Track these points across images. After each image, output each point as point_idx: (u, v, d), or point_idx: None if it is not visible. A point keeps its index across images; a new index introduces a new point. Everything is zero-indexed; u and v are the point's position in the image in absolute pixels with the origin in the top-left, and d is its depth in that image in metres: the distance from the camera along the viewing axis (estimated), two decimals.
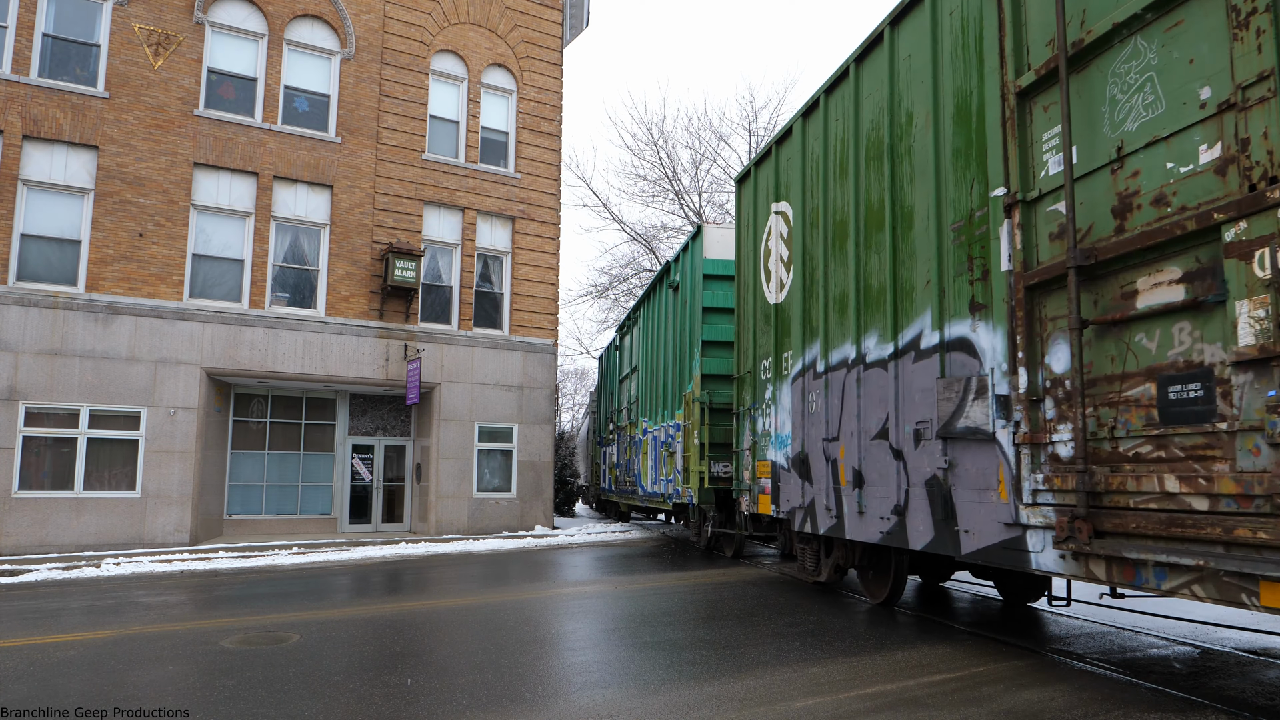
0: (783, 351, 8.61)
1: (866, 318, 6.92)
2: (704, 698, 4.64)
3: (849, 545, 7.68)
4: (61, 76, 13.99)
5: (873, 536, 6.61)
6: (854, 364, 7.03)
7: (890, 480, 6.38)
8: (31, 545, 12.84)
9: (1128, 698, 4.58)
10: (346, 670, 5.34)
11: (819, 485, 7.54)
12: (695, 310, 11.99)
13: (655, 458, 14.53)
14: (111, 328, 13.72)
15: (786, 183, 8.72)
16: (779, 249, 8.78)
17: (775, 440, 8.60)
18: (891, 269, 6.50)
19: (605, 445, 21.14)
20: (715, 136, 36.49)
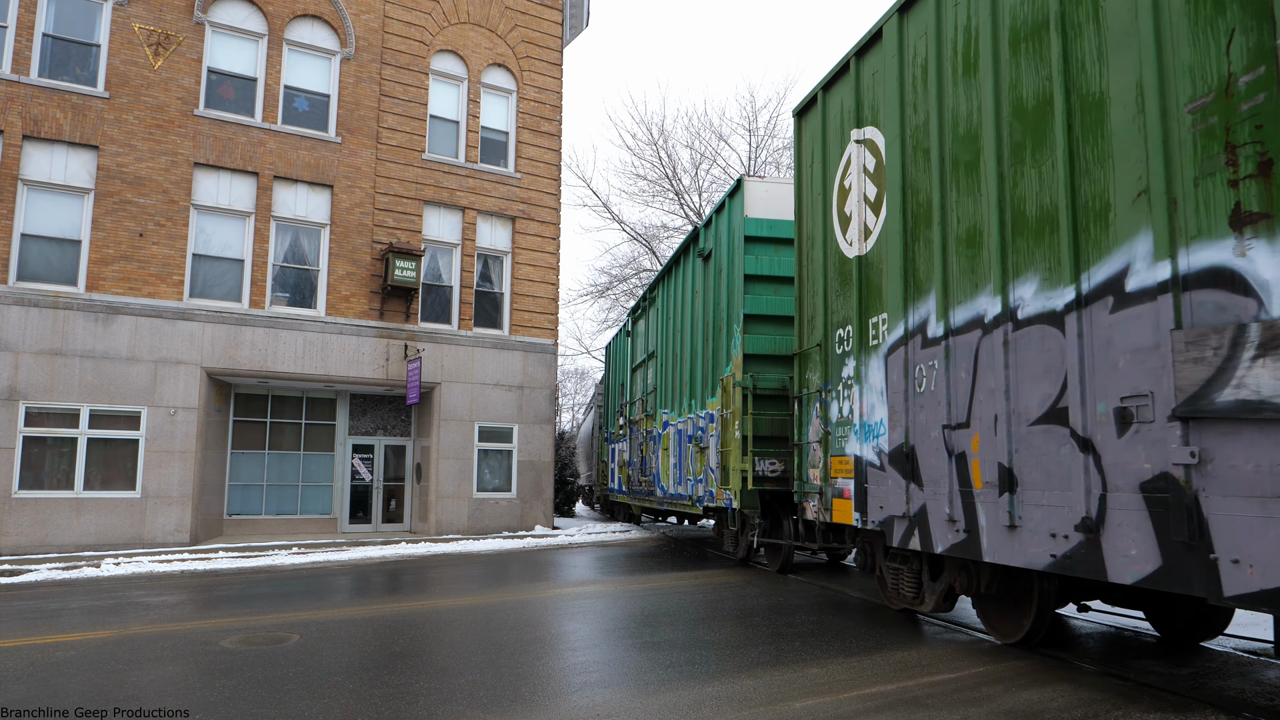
0: (870, 316, 6.92)
1: (1017, 258, 5.18)
2: (704, 698, 4.64)
3: (971, 567, 5.92)
4: (61, 76, 13.99)
5: (1036, 560, 4.84)
6: (995, 323, 5.28)
7: (1070, 482, 4.60)
8: (31, 545, 12.84)
9: (1128, 698, 4.58)
10: (346, 670, 5.34)
11: (935, 488, 5.81)
12: (734, 279, 10.30)
13: (679, 454, 12.72)
14: (111, 328, 13.72)
15: (874, 103, 7.05)
16: (861, 187, 7.13)
17: (861, 430, 6.91)
18: (1068, 183, 4.77)
19: (613, 442, 19.27)
20: (715, 136, 36.50)
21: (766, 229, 10.26)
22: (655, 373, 14.71)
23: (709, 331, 11.41)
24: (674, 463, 13.14)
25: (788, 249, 10.29)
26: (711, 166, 31.30)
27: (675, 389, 13.19)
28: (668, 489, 13.52)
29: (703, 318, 11.73)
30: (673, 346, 13.44)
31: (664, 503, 13.93)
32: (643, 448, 15.57)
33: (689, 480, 12.13)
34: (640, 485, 15.63)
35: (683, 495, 12.54)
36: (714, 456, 10.73)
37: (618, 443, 18.62)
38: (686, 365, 12.55)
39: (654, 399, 14.70)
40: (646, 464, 15.26)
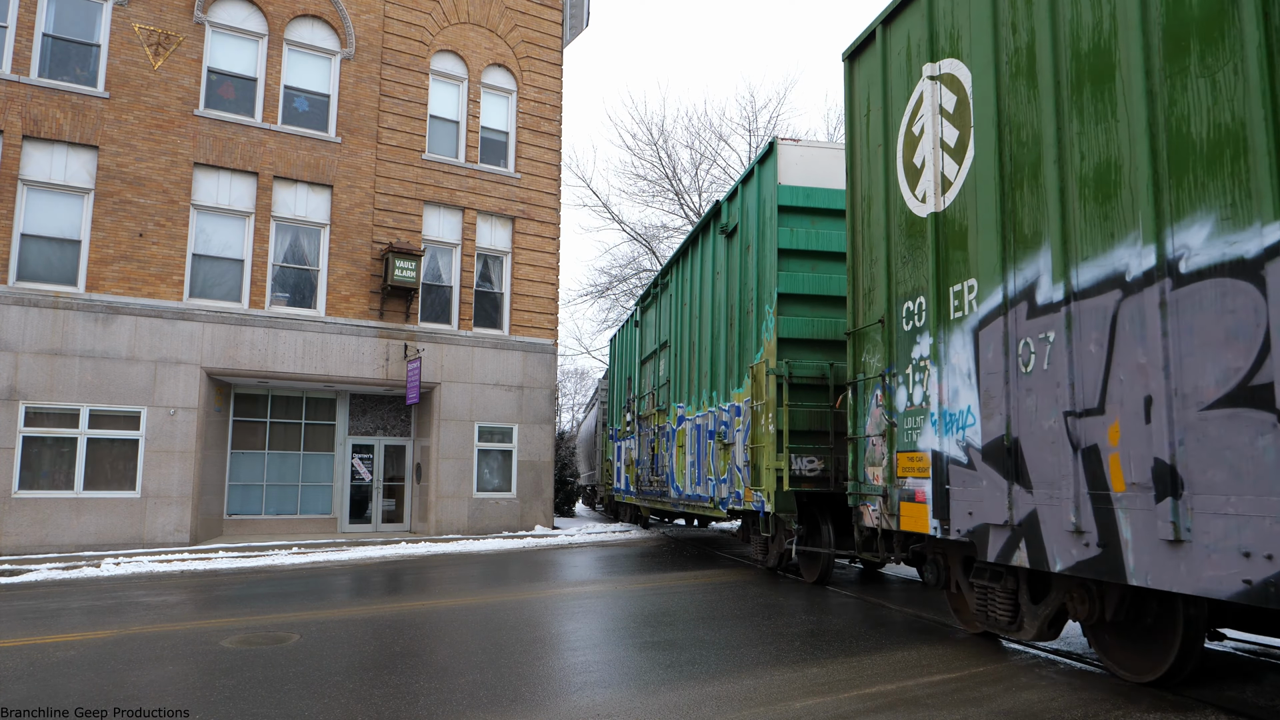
0: (950, 283, 5.83)
1: (1179, 195, 4.07)
2: (704, 698, 4.64)
3: (1093, 589, 4.87)
4: (61, 76, 13.99)
5: (1218, 587, 3.70)
6: (1144, 280, 4.18)
7: (1276, 483, 3.52)
8: (31, 545, 12.84)
9: (1128, 698, 4.58)
10: (346, 670, 5.34)
11: (1050, 491, 4.70)
12: (766, 255, 9.28)
13: (698, 451, 11.59)
14: (111, 328, 13.72)
15: (953, 30, 6.00)
16: (937, 131, 6.09)
17: (940, 420, 5.80)
18: (1267, 90, 3.64)
19: (620, 439, 18.05)
20: (715, 136, 36.51)
21: (803, 198, 9.14)
22: (668, 364, 13.52)
23: (734, 315, 10.28)
24: (691, 461, 12.02)
25: (828, 220, 9.21)
26: (711, 166, 31.32)
27: (692, 381, 12.07)
28: (684, 490, 12.41)
29: (726, 301, 10.66)
30: (689, 335, 12.32)
31: (679, 505, 12.79)
32: (654, 445, 14.39)
33: (709, 480, 10.98)
34: (651, 485, 14.49)
35: (702, 497, 11.36)
36: (741, 454, 9.64)
37: (624, 440, 17.44)
38: (706, 354, 11.37)
39: (667, 392, 13.55)
40: (659, 462, 14.03)
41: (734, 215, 10.59)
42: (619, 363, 18.78)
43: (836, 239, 9.15)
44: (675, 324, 13.22)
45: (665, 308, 14.05)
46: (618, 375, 18.80)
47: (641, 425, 15.53)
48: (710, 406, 11.08)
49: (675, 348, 13.17)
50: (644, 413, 15.16)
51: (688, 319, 12.49)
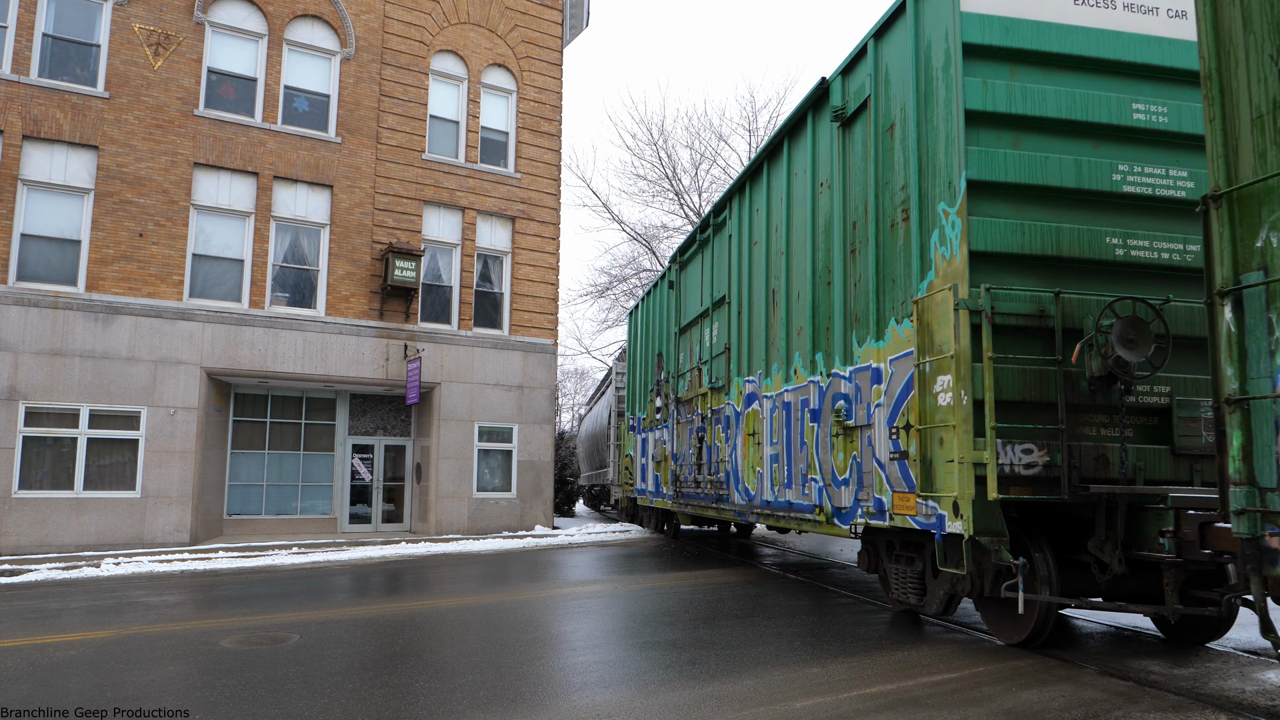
0: None
1: None
2: (704, 698, 4.64)
3: None
4: (61, 76, 13.99)
5: None
6: None
7: None
8: (31, 545, 12.84)
9: (1128, 698, 4.58)
10: (346, 670, 5.34)
11: None
12: (939, 127, 6.17)
13: (787, 440, 8.52)
14: (111, 328, 13.73)
15: None
16: None
17: None
18: None
19: (645, 430, 15.07)
20: (715, 136, 36.52)
21: (999, 34, 6.02)
22: (726, 327, 10.53)
23: (865, 235, 7.13)
24: (771, 454, 8.95)
25: (1036, 72, 6.08)
26: (711, 167, 31.34)
27: (772, 343, 9.06)
28: (757, 493, 9.32)
29: (843, 219, 7.55)
30: (766, 281, 9.24)
31: (750, 513, 9.67)
32: (701, 435, 11.36)
33: (811, 481, 7.93)
34: (697, 487, 11.47)
35: (797, 506, 8.28)
36: (884, 442, 6.57)
37: (652, 431, 14.44)
38: (803, 302, 8.26)
39: (725, 364, 10.53)
40: (710, 457, 11.00)
41: (858, 89, 7.47)
42: (642, 339, 15.75)
43: (1054, 100, 6.00)
44: (738, 273, 10.15)
45: (719, 255, 11.00)
46: (641, 354, 15.85)
47: (681, 411, 12.54)
48: (811, 375, 8.00)
49: (739, 304, 10.10)
50: (685, 395, 12.25)
51: (763, 262, 9.37)
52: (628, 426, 17.19)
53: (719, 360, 10.87)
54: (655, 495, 14.51)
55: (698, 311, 11.87)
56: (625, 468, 17.63)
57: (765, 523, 9.61)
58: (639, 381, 16.02)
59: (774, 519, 9.17)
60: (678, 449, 12.78)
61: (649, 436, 14.95)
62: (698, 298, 11.95)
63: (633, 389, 16.68)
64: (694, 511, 12.30)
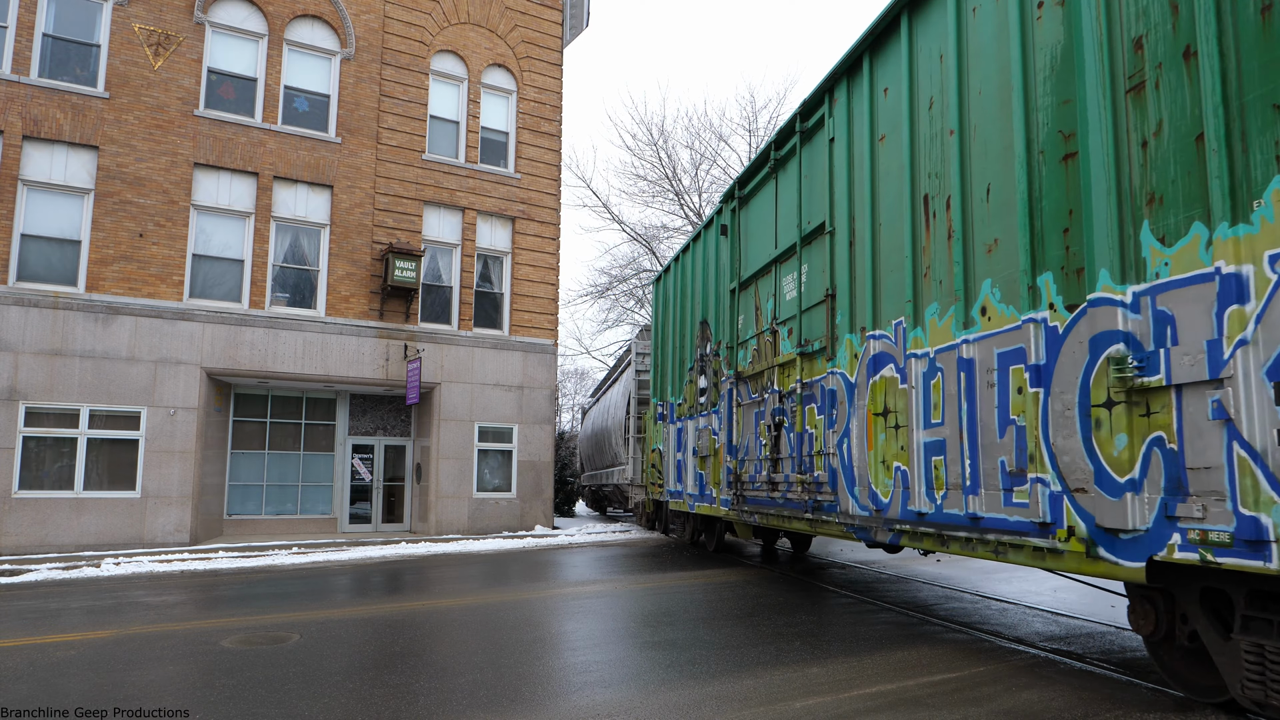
0: None
1: None
2: (704, 698, 4.64)
3: None
4: (61, 76, 13.99)
5: None
6: None
7: None
8: (31, 545, 12.84)
9: (1128, 698, 4.58)
10: (346, 670, 5.34)
11: None
12: None
13: (972, 419, 5.60)
14: (111, 328, 13.73)
15: None
16: None
17: None
18: None
19: (682, 419, 12.50)
20: (715, 136, 36.52)
21: None
22: (826, 267, 7.77)
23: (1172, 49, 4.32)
24: (924, 441, 6.10)
25: None
26: (711, 167, 31.33)
27: (928, 273, 6.23)
28: (893, 500, 6.44)
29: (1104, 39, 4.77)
30: (909, 187, 6.48)
31: (881, 528, 6.63)
32: (779, 419, 8.66)
33: (1035, 484, 4.98)
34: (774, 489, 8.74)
35: (993, 521, 5.32)
36: (1259, 408, 3.67)
37: (693, 419, 11.84)
38: (995, 202, 5.57)
39: (823, 318, 7.81)
40: (800, 448, 8.15)
41: None
42: (676, 308, 13.23)
43: None
44: (847, 187, 7.42)
45: (812, 172, 8.28)
46: (675, 327, 13.26)
47: (742, 390, 9.84)
48: (1028, 310, 5.13)
49: (851, 230, 7.36)
50: (748, 369, 9.57)
51: (901, 160, 6.64)
52: (654, 416, 14.57)
53: (813, 315, 8.07)
54: (699, 499, 11.53)
55: (769, 256, 9.14)
56: (652, 465, 14.68)
57: (915, 544, 6.27)
58: (671, 360, 13.36)
59: (935, 540, 5.93)
60: (737, 439, 9.93)
61: (687, 426, 12.26)
62: (768, 238, 9.30)
63: (662, 370, 14.11)
64: (767, 522, 9.10)
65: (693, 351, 12.14)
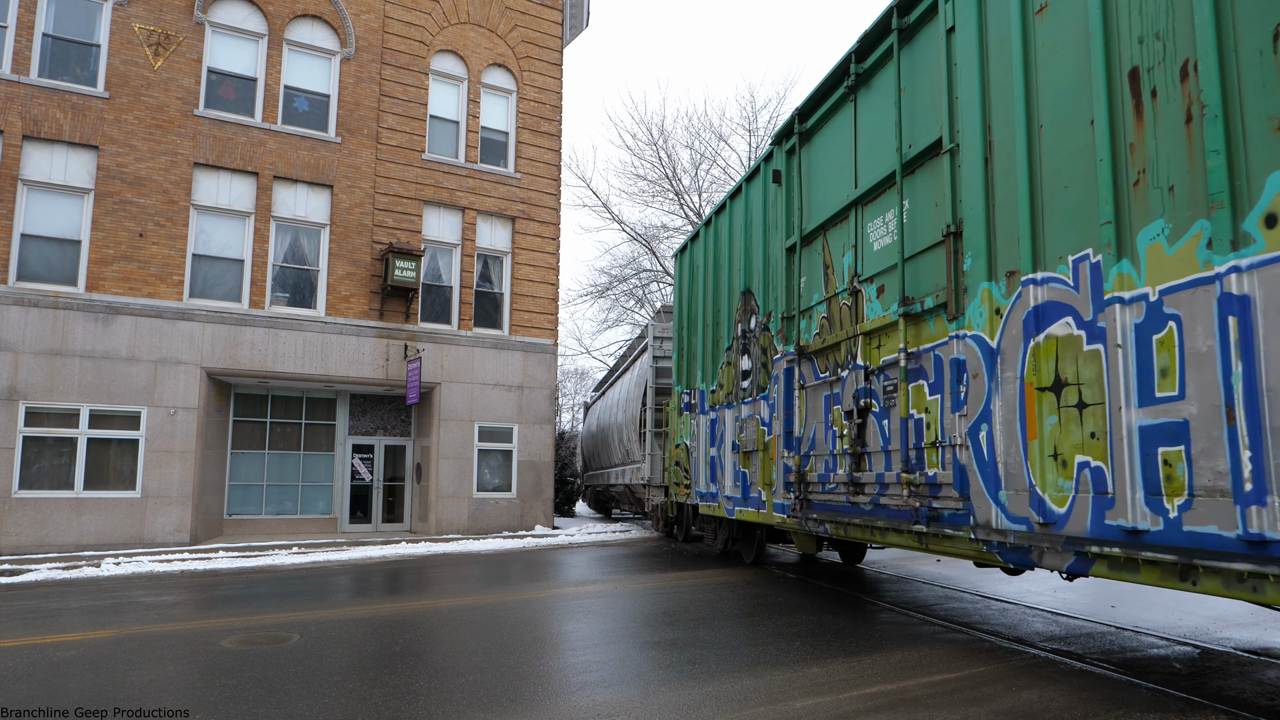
0: None
1: None
2: (704, 698, 4.64)
3: None
4: (61, 76, 13.99)
5: None
6: None
7: None
8: (31, 545, 12.84)
9: (1128, 698, 4.58)
10: (346, 670, 5.34)
11: None
12: None
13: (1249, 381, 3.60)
14: (111, 328, 13.72)
15: None
16: None
17: None
18: None
19: (719, 407, 10.66)
20: (715, 136, 36.52)
21: None
22: (945, 197, 5.94)
23: None
24: (1137, 424, 4.22)
25: None
26: (711, 167, 31.34)
27: (1140, 183, 4.36)
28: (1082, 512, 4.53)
29: None
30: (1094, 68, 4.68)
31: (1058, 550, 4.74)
32: (864, 401, 6.89)
33: None
34: (858, 492, 6.92)
35: None
36: None
37: (732, 407, 10.12)
38: None
39: (942, 265, 5.99)
40: (905, 438, 6.23)
41: None
42: (708, 280, 11.38)
43: None
44: (979, 92, 5.68)
45: (919, 82, 6.45)
46: (705, 303, 11.49)
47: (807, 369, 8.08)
48: None
49: (986, 144, 5.61)
50: (815, 343, 7.80)
51: (1070, 48, 4.94)
52: (678, 406, 12.64)
53: (921, 263, 6.19)
54: (741, 502, 9.64)
55: (846, 199, 7.30)
56: (675, 462, 12.73)
57: (1124, 576, 4.35)
58: (702, 341, 11.42)
59: (1169, 571, 4.08)
60: (800, 429, 8.09)
61: (723, 416, 10.45)
62: (843, 177, 7.47)
63: (689, 353, 12.21)
64: (846, 534, 7.18)
65: (731, 329, 10.28)
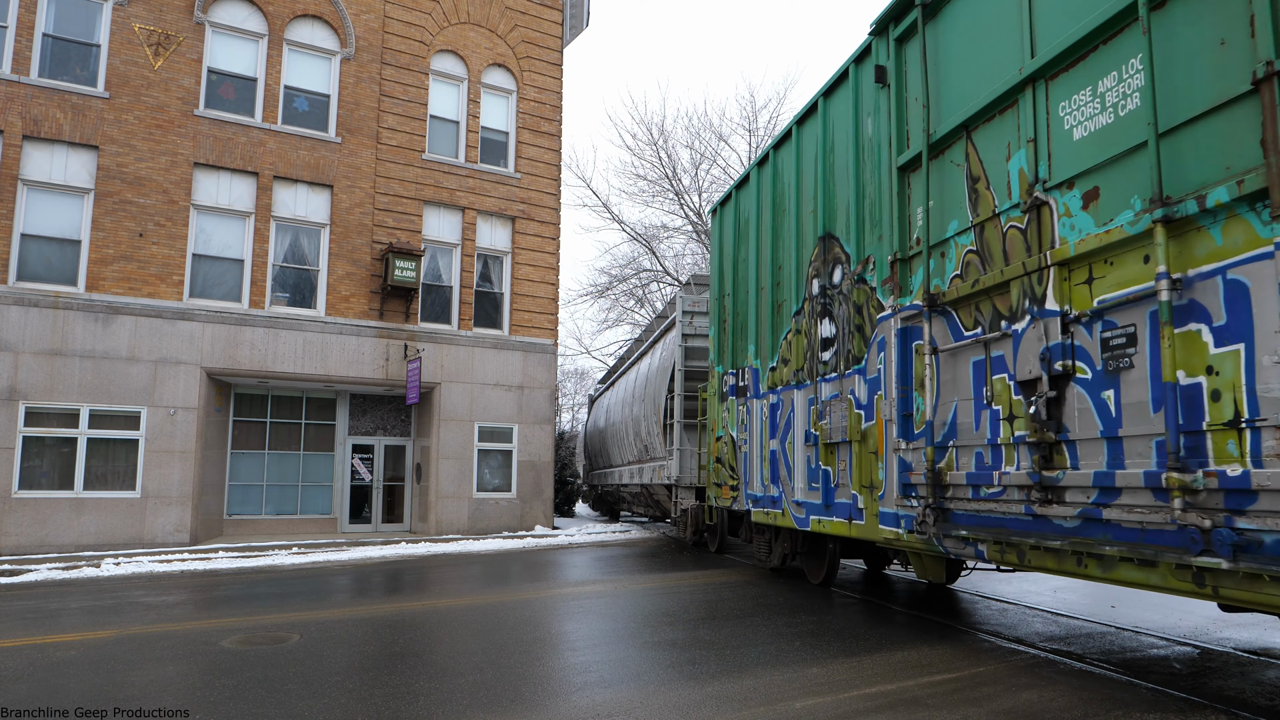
0: None
1: None
2: (704, 698, 4.64)
3: None
4: (61, 76, 13.99)
5: None
6: None
7: None
8: (31, 545, 12.84)
9: (1128, 698, 4.58)
10: (346, 670, 5.34)
11: None
12: None
13: None
14: (111, 328, 13.72)
15: None
16: None
17: None
18: None
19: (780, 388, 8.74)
20: (715, 136, 36.53)
21: None
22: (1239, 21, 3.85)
23: None
24: None
25: None
26: (711, 166, 31.35)
27: None
28: None
29: None
30: None
31: None
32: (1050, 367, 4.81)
33: None
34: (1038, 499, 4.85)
35: None
36: None
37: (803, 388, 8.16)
38: None
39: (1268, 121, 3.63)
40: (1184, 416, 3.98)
41: None
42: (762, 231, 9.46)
43: None
44: None
45: None
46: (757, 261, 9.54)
47: (938, 328, 6.12)
48: None
49: None
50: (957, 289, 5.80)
51: None
52: (719, 391, 10.66)
53: (1188, 140, 4.15)
54: (822, 510, 7.61)
55: (1016, 76, 5.27)
56: (717, 458, 10.72)
57: None
58: (755, 309, 9.42)
59: None
60: (930, 409, 5.97)
61: (790, 399, 8.43)
62: (1007, 48, 5.45)
63: (735, 325, 10.13)
64: (1025, 562, 5.10)
65: (800, 288, 8.30)
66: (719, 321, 10.86)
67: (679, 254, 31.38)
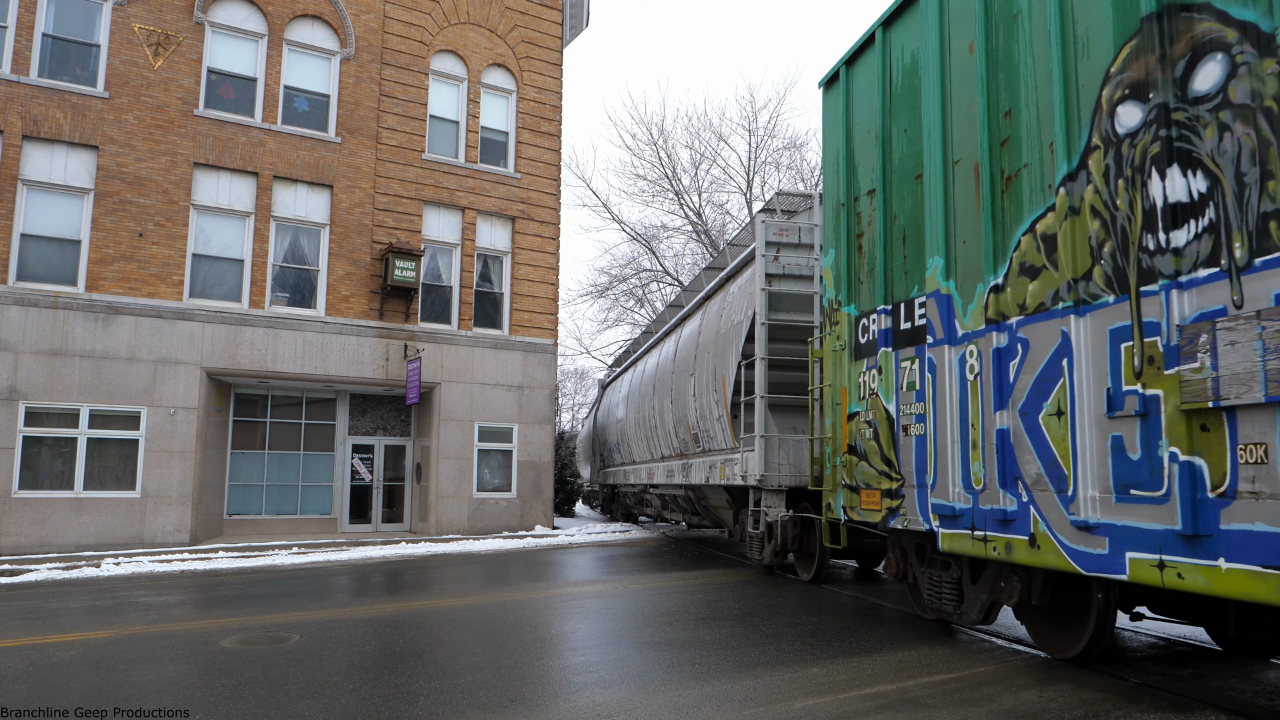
0: None
1: None
2: (704, 698, 4.64)
3: None
4: (61, 76, 13.98)
5: None
6: None
7: None
8: (31, 545, 12.84)
9: (1128, 698, 4.58)
10: (346, 670, 5.34)
11: None
12: None
13: None
14: (111, 328, 13.72)
15: None
16: None
17: None
18: None
19: (977, 332, 5.40)
20: (715, 136, 36.53)
21: None
22: None
23: None
24: None
25: None
26: (711, 167, 31.36)
27: None
28: None
29: None
30: None
31: None
32: None
33: None
34: None
35: None
36: None
37: (1083, 312, 4.50)
38: None
39: None
40: None
41: None
42: (981, 51, 5.59)
43: None
44: None
45: None
46: (956, 108, 5.89)
47: None
48: None
49: None
50: None
51: None
52: (850, 344, 7.20)
53: None
54: (1165, 541, 3.91)
55: None
56: (850, 448, 7.06)
57: None
58: (945, 200, 5.89)
59: None
60: None
61: (1050, 335, 4.76)
62: None
63: (880, 241, 6.72)
64: None
65: (1073, 131, 4.75)
66: (846, 239, 7.38)
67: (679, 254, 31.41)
